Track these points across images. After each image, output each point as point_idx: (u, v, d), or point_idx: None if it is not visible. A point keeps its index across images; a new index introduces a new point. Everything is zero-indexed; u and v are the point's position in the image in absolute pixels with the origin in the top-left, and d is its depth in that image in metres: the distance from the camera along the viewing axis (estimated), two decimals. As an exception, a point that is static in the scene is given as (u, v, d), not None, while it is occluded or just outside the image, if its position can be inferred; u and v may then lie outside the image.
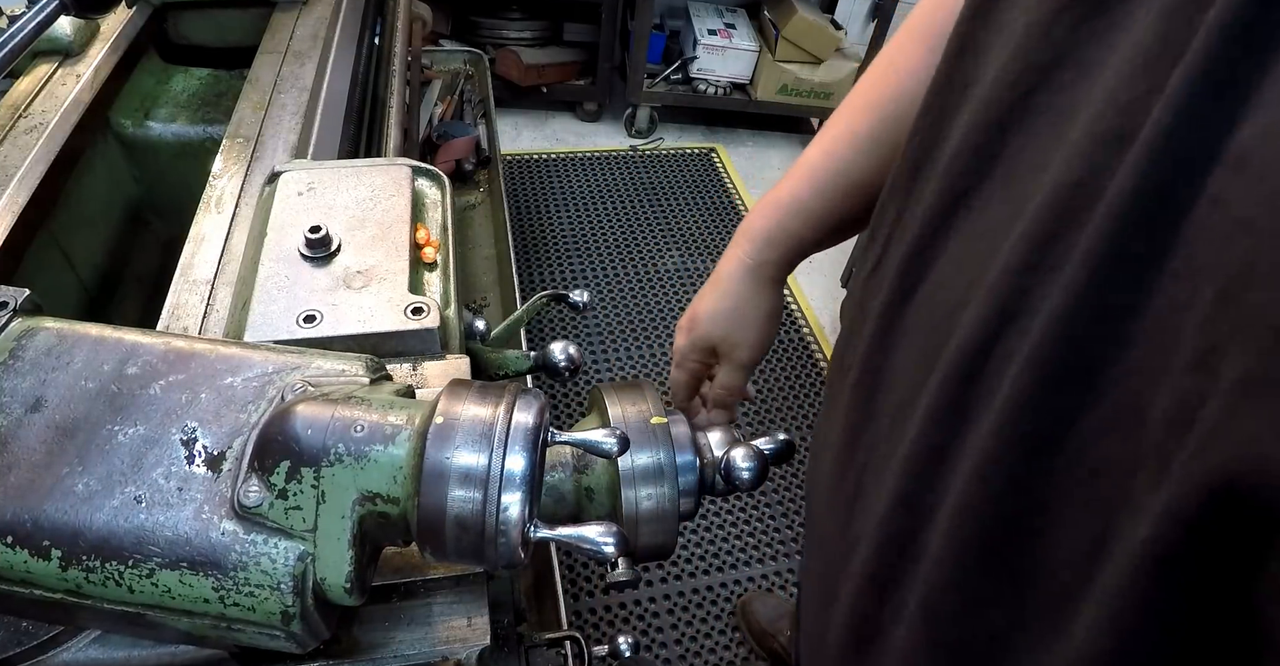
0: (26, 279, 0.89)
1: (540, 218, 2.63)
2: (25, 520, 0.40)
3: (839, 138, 0.67)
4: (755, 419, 2.10)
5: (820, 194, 0.67)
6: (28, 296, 0.48)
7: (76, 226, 1.05)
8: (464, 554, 0.42)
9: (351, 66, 1.19)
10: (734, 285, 0.71)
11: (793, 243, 0.69)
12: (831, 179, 0.67)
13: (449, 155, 1.85)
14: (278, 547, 0.40)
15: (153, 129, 1.19)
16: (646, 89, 2.91)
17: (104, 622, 0.46)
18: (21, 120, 0.95)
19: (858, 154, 0.66)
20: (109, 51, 1.09)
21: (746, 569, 1.79)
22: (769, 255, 0.70)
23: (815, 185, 0.68)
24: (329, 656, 0.49)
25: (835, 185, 0.67)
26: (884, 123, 0.64)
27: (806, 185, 0.68)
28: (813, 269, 2.57)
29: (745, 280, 0.71)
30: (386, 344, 0.61)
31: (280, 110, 1.01)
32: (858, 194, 0.67)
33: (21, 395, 0.43)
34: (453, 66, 2.18)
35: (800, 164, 0.69)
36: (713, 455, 0.62)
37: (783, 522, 1.88)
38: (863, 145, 0.65)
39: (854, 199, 0.67)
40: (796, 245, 0.70)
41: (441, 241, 0.72)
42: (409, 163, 0.76)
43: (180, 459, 0.42)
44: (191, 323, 0.70)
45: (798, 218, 0.69)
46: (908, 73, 0.62)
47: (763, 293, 0.71)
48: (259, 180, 0.88)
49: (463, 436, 0.41)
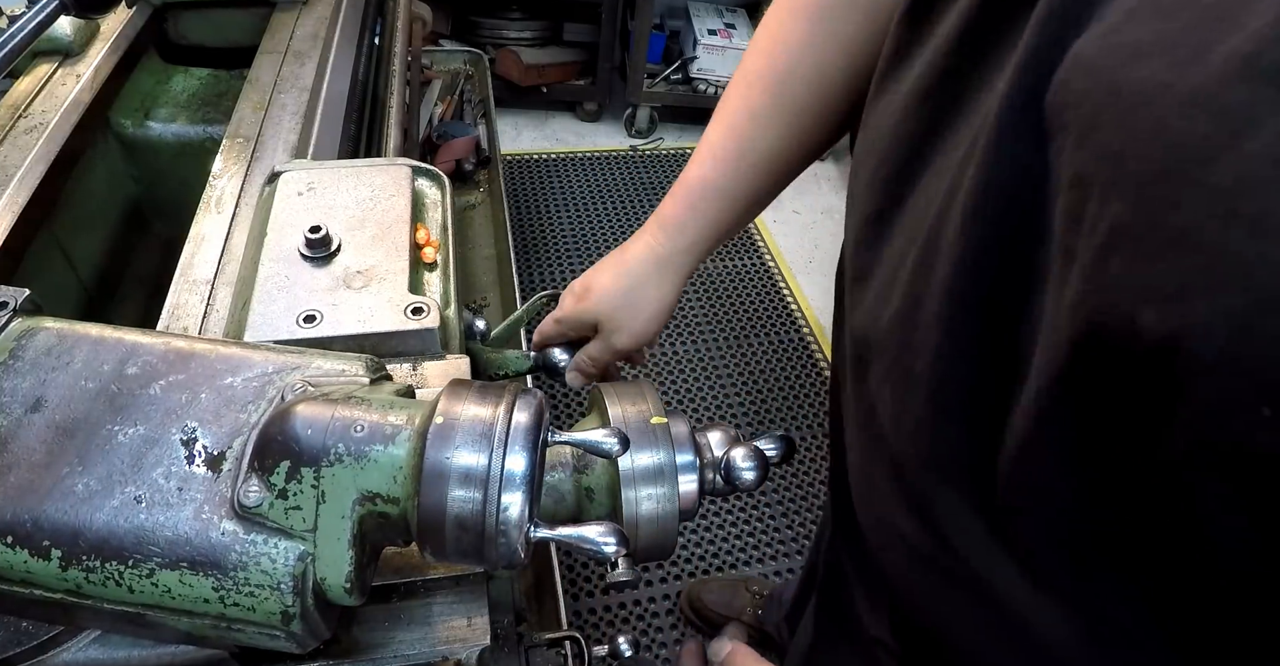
0: (27, 278, 0.89)
1: (540, 218, 2.63)
2: (25, 520, 0.40)
3: (737, 113, 0.68)
4: (755, 418, 2.10)
5: (727, 173, 0.68)
6: (28, 296, 0.48)
7: (77, 226, 1.05)
8: (464, 554, 0.42)
9: (351, 66, 1.19)
10: (637, 269, 0.71)
11: (705, 226, 0.70)
12: (737, 156, 0.68)
13: (449, 155, 1.85)
14: (278, 547, 0.40)
15: (153, 129, 1.19)
16: (646, 89, 2.91)
17: (104, 622, 0.46)
18: (21, 120, 0.95)
19: (758, 129, 0.67)
20: (109, 51, 1.08)
21: (747, 568, 1.79)
22: (680, 243, 0.70)
23: (721, 165, 0.68)
24: (329, 656, 0.49)
25: (741, 162, 0.68)
26: (779, 97, 0.66)
27: (712, 166, 0.68)
28: (812, 268, 2.57)
29: (649, 267, 0.71)
30: (386, 344, 0.61)
31: (280, 110, 1.01)
32: (764, 168, 0.68)
33: (21, 395, 0.43)
34: (453, 66, 2.18)
35: (703, 145, 0.69)
36: (713, 455, 0.62)
37: (782, 522, 1.88)
38: (761, 120, 0.66)
39: (761, 174, 0.68)
40: (710, 228, 0.70)
41: (441, 241, 0.72)
42: (409, 163, 0.76)
43: (180, 459, 0.42)
44: (191, 322, 0.70)
45: (708, 199, 0.69)
46: (795, 45, 0.64)
47: (664, 284, 0.72)
48: (259, 180, 0.88)
49: (463, 436, 0.41)
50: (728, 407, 2.12)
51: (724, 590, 1.65)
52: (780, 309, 2.42)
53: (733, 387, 2.17)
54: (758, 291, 2.47)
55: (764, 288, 2.48)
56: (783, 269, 2.55)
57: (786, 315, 2.40)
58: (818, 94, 0.65)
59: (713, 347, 2.27)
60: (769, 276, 2.52)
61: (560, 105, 3.14)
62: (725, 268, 2.54)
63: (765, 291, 2.47)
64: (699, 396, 2.14)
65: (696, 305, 2.40)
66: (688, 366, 2.21)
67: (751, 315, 2.39)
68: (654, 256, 0.70)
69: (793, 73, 0.64)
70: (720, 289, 2.46)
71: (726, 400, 2.14)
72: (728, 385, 2.18)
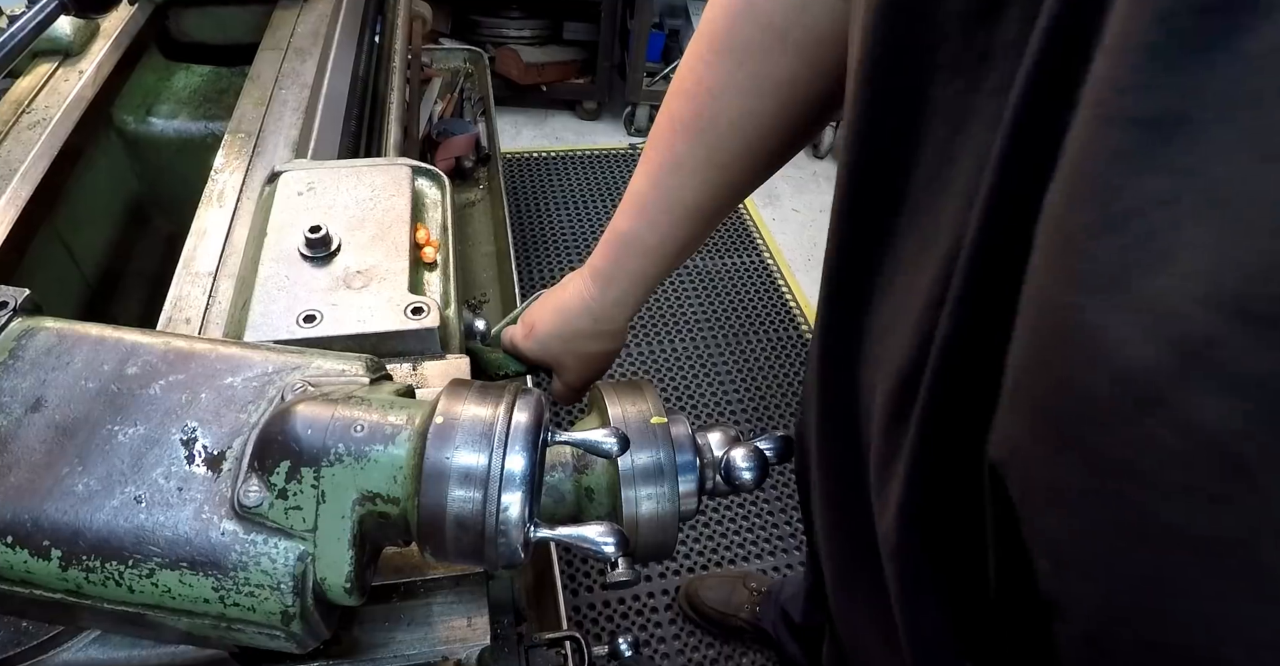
0: (30, 272, 0.91)
1: (540, 215, 2.63)
2: (25, 520, 0.40)
3: (662, 165, 0.64)
4: (753, 415, 2.10)
5: (653, 226, 0.66)
6: (28, 296, 0.48)
7: (79, 221, 1.06)
8: (464, 554, 0.42)
9: (352, 64, 1.19)
10: (572, 320, 0.71)
11: (634, 280, 0.69)
12: (662, 209, 0.65)
13: (449, 152, 1.85)
14: (278, 547, 0.40)
15: (155, 125, 1.20)
16: (646, 88, 2.91)
17: (104, 622, 0.46)
18: (25, 116, 0.96)
19: (684, 179, 0.64)
20: (111, 48, 1.09)
21: (745, 564, 1.79)
22: (610, 295, 0.69)
23: (647, 218, 0.66)
24: (329, 656, 0.49)
25: (667, 215, 0.65)
26: (705, 145, 0.62)
27: (638, 219, 0.66)
28: (811, 266, 2.57)
29: (585, 321, 0.70)
30: (386, 344, 0.61)
31: (281, 106, 1.01)
32: (690, 219, 0.65)
33: (21, 395, 0.43)
34: (453, 65, 2.18)
35: (629, 196, 0.67)
36: (712, 455, 0.62)
37: (780, 518, 1.88)
38: (687, 170, 0.63)
39: (687, 224, 0.66)
40: (639, 281, 0.69)
41: (441, 241, 0.72)
42: (409, 162, 0.76)
43: (180, 459, 0.42)
44: (194, 314, 0.70)
45: (634, 255, 0.68)
46: (720, 90, 0.59)
47: (601, 337, 0.72)
48: (260, 175, 0.88)
49: (463, 436, 0.41)
50: (726, 405, 2.12)
51: (722, 586, 1.65)
52: (779, 306, 2.42)
53: (731, 385, 2.17)
54: (756, 289, 2.47)
55: (762, 285, 2.48)
56: (781, 267, 2.56)
57: (785, 313, 2.40)
58: (745, 141, 0.61)
59: (711, 345, 2.27)
60: (768, 274, 2.52)
61: (560, 104, 3.14)
62: (724, 265, 2.54)
63: (764, 289, 2.47)
64: (698, 394, 2.14)
65: (695, 303, 2.40)
66: (686, 364, 2.21)
67: (750, 313, 2.39)
68: (588, 310, 0.70)
69: (717, 119, 0.60)
70: (719, 287, 2.46)
71: (725, 397, 2.14)
72: (726, 383, 2.18)
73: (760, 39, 0.56)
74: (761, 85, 0.58)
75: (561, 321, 0.71)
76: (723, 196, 0.65)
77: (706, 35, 0.60)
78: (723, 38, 0.59)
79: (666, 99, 0.64)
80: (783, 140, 0.62)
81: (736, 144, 0.61)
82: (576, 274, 0.72)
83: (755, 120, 0.60)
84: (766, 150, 0.62)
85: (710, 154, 0.62)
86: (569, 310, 0.71)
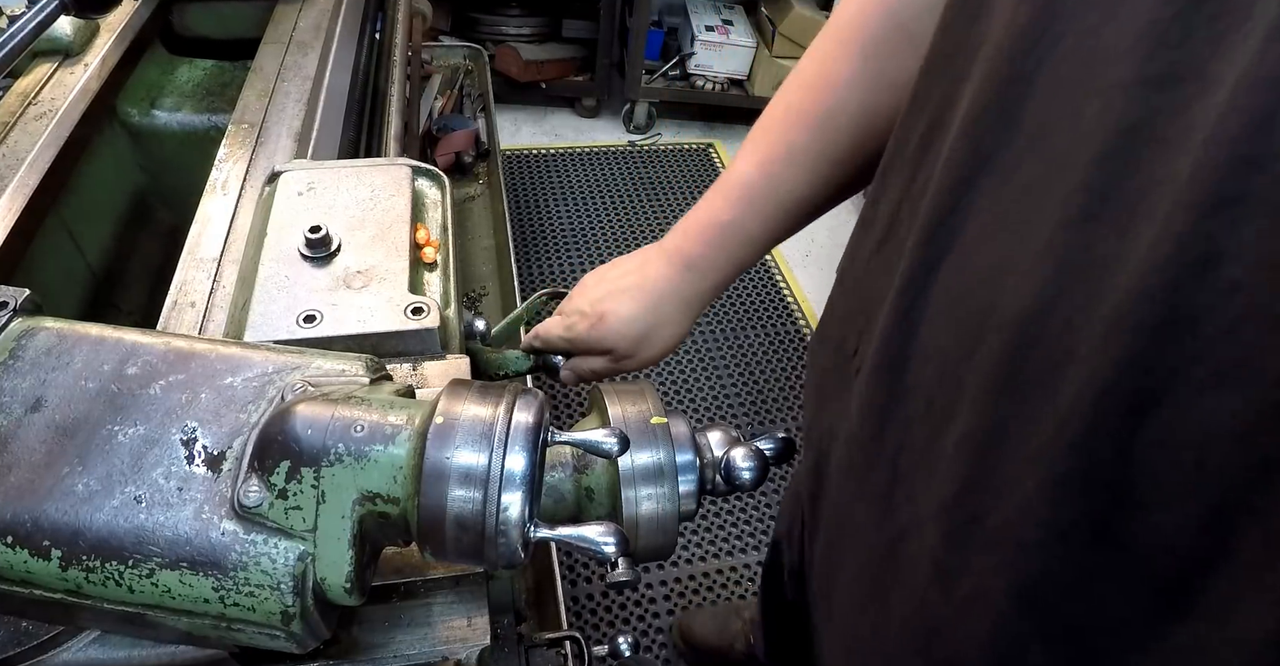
0: (36, 261, 0.92)
1: (539, 213, 2.63)
2: (25, 520, 0.40)
3: (775, 154, 0.64)
4: (751, 411, 2.10)
5: (761, 216, 0.66)
6: (28, 296, 0.48)
7: (84, 212, 1.07)
8: (464, 554, 0.42)
9: (353, 59, 1.20)
10: (661, 306, 0.70)
11: (732, 266, 0.69)
12: (772, 200, 0.65)
13: (449, 148, 1.85)
14: (278, 547, 0.40)
15: (158, 118, 1.21)
16: (645, 85, 2.90)
17: (104, 622, 0.46)
18: (31, 107, 0.97)
19: (798, 171, 0.64)
20: (115, 43, 1.09)
21: (743, 555, 1.80)
22: (707, 283, 0.69)
23: (756, 207, 0.66)
24: (329, 656, 0.49)
25: (776, 206, 0.65)
26: (823, 137, 0.62)
27: (747, 208, 0.66)
28: (809, 262, 2.57)
29: (674, 307, 0.70)
30: (386, 344, 0.61)
31: (284, 98, 1.02)
32: (797, 212, 0.66)
33: (21, 395, 0.43)
34: (452, 62, 2.18)
35: (735, 183, 0.66)
36: (713, 455, 0.62)
37: (779, 512, 1.88)
38: (801, 161, 0.63)
39: (794, 217, 0.66)
40: (736, 269, 0.69)
41: (441, 241, 0.72)
42: (409, 163, 0.76)
43: (180, 459, 0.42)
44: (198, 298, 0.71)
45: (739, 244, 0.67)
46: (844, 83, 0.60)
47: (685, 322, 0.71)
48: (264, 165, 0.89)
49: (463, 436, 0.41)
50: (724, 401, 2.12)
51: (715, 620, 1.60)
52: (777, 303, 2.42)
53: (729, 381, 2.17)
54: (755, 285, 2.47)
55: (761, 282, 2.49)
56: (780, 263, 2.56)
57: (783, 309, 2.40)
58: (861, 137, 0.62)
59: (710, 341, 2.27)
60: (766, 271, 2.52)
61: (559, 101, 3.13)
62: (724, 264, 2.54)
63: (762, 286, 2.47)
64: (696, 390, 2.14)
65: (695, 302, 2.39)
66: (684, 360, 2.21)
67: (748, 309, 2.39)
68: (680, 296, 0.69)
69: (838, 113, 0.61)
70: (718, 285, 2.46)
71: (724, 392, 2.14)
72: (724, 378, 2.18)
73: (891, 37, 0.58)
74: (884, 81, 0.59)
75: (649, 306, 0.70)
76: (831, 191, 0.65)
77: (835, 29, 0.61)
78: (851, 32, 0.60)
79: (783, 89, 0.64)
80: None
81: (852, 139, 0.62)
82: (652, 259, 0.71)
83: (874, 117, 0.61)
84: (878, 147, 0.61)
85: (825, 148, 0.62)
86: (657, 294, 0.69)
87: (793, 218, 0.66)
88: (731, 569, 1.78)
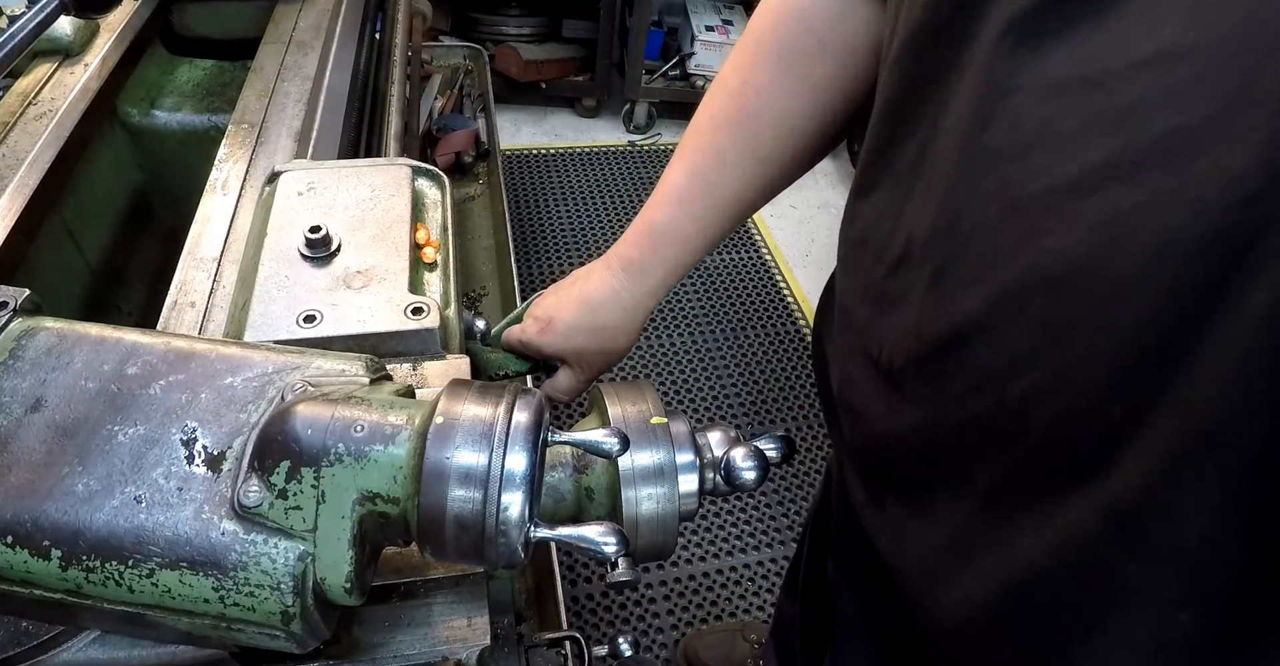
0: (37, 261, 0.92)
1: (539, 212, 2.63)
2: (25, 520, 0.40)
3: (704, 158, 0.67)
4: (751, 410, 2.10)
5: (692, 217, 0.68)
6: (28, 296, 0.48)
7: (84, 211, 1.07)
8: (464, 554, 0.42)
9: (353, 59, 1.20)
10: (602, 310, 0.71)
11: (668, 269, 0.70)
12: (703, 200, 0.68)
13: (449, 147, 1.85)
14: (278, 547, 0.40)
15: (158, 118, 1.21)
16: (645, 85, 2.91)
17: (104, 622, 0.46)
18: (31, 107, 0.97)
19: (727, 171, 0.66)
20: (115, 43, 1.09)
21: (743, 555, 1.81)
22: (643, 286, 0.71)
23: (687, 209, 0.68)
24: (329, 656, 0.49)
25: (707, 206, 0.68)
26: (748, 139, 0.65)
27: (678, 209, 0.69)
28: (809, 262, 2.57)
29: (613, 312, 0.71)
30: (386, 344, 0.61)
31: (284, 97, 1.02)
32: (727, 211, 0.68)
33: (21, 395, 0.43)
34: (452, 62, 2.18)
35: (668, 188, 0.69)
36: (713, 455, 0.62)
37: (778, 511, 1.89)
38: (730, 162, 0.66)
39: (727, 216, 0.69)
40: (671, 271, 0.71)
41: (441, 241, 0.72)
42: (409, 163, 0.76)
43: (180, 459, 0.42)
44: (198, 297, 0.71)
45: (672, 243, 0.70)
46: (764, 89, 0.63)
47: (629, 328, 0.73)
48: (264, 164, 0.89)
49: (463, 436, 0.41)
50: (724, 400, 2.12)
51: (722, 642, 1.59)
52: (777, 303, 2.42)
53: (729, 380, 2.17)
54: (755, 285, 2.47)
55: (761, 282, 2.49)
56: (779, 263, 2.56)
57: (783, 309, 2.40)
58: (784, 139, 0.65)
59: (710, 341, 2.27)
60: (766, 270, 2.53)
61: (559, 101, 3.13)
62: (722, 261, 2.54)
63: (762, 285, 2.47)
64: (695, 389, 2.14)
65: (694, 299, 2.40)
66: (684, 360, 2.21)
67: (748, 309, 2.39)
68: (618, 301, 0.71)
69: (760, 117, 0.64)
70: (717, 283, 2.47)
71: (724, 391, 2.14)
72: (724, 378, 2.18)
73: (804, 44, 0.61)
74: (802, 86, 0.62)
75: (587, 313, 0.71)
76: (761, 189, 0.68)
77: (754, 37, 0.64)
78: (770, 40, 0.63)
79: (708, 96, 0.67)
80: (819, 139, 0.65)
81: (777, 140, 0.65)
82: (596, 268, 0.73)
83: (795, 119, 0.64)
84: (804, 147, 0.65)
85: (752, 149, 0.65)
86: (596, 302, 0.71)
87: (725, 216, 0.69)
88: (731, 569, 1.78)
